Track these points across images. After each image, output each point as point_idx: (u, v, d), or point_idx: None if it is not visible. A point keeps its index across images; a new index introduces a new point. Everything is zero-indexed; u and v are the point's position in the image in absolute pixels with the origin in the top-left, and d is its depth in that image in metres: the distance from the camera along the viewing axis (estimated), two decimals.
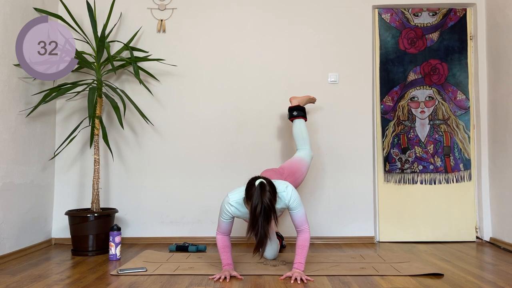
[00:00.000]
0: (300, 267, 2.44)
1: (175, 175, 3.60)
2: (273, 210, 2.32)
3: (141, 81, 3.30)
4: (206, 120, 3.63)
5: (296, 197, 2.51)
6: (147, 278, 2.44)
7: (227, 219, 2.53)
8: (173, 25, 3.67)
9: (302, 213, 2.51)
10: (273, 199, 2.33)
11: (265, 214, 2.28)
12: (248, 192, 2.38)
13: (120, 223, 3.57)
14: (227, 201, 2.51)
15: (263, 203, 2.28)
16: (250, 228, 2.31)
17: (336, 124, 3.62)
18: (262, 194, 2.30)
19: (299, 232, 2.51)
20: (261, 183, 2.34)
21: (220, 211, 2.55)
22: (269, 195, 2.31)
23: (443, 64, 3.70)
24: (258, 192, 2.30)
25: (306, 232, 2.50)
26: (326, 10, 3.67)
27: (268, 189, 2.33)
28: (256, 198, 2.30)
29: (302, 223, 2.51)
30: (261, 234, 2.29)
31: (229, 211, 2.50)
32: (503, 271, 2.60)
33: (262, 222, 2.28)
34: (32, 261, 2.91)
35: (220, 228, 2.55)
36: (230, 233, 2.61)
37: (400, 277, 2.45)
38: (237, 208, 2.50)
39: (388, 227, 3.62)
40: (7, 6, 2.97)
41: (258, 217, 2.28)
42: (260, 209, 2.27)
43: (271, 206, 2.30)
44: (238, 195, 2.50)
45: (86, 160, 3.61)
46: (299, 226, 2.51)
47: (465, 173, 3.65)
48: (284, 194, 2.50)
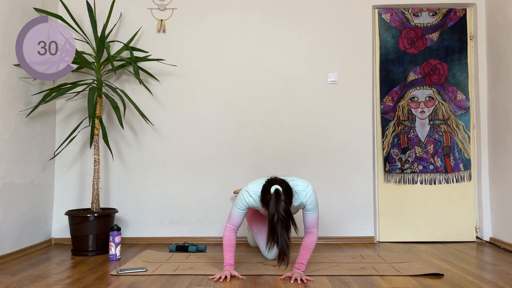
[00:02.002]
0: (301, 267, 2.44)
1: (175, 175, 3.60)
2: (291, 219, 2.28)
3: (141, 81, 3.30)
4: (206, 120, 3.63)
5: (314, 199, 2.50)
6: (147, 278, 2.44)
7: (242, 210, 2.49)
8: (173, 25, 3.67)
9: (315, 216, 2.51)
10: (288, 207, 2.29)
11: (282, 223, 2.25)
12: (263, 196, 2.37)
13: (120, 223, 3.57)
14: (246, 191, 2.49)
15: (279, 213, 2.24)
16: (269, 237, 2.28)
17: (336, 124, 3.62)
18: (277, 203, 2.27)
19: (307, 233, 2.52)
20: (276, 191, 2.31)
21: (236, 200, 2.52)
22: (284, 205, 2.26)
23: (443, 64, 3.70)
24: (274, 201, 2.28)
25: (314, 235, 2.51)
26: (326, 10, 3.67)
27: (283, 198, 2.28)
28: (272, 208, 2.27)
29: (313, 225, 2.51)
30: (281, 242, 2.25)
31: (247, 201, 2.47)
32: (503, 271, 2.60)
33: (281, 231, 2.25)
34: (32, 261, 2.91)
35: (231, 220, 2.51)
36: (238, 229, 2.60)
37: (400, 277, 2.45)
38: (255, 200, 2.48)
39: (388, 227, 3.62)
40: (7, 6, 2.96)
41: (276, 226, 2.25)
42: (277, 218, 2.24)
43: (287, 215, 2.26)
44: (258, 187, 2.47)
45: (86, 160, 3.61)
46: (309, 228, 2.51)
47: (465, 173, 3.65)
48: (303, 193, 2.48)
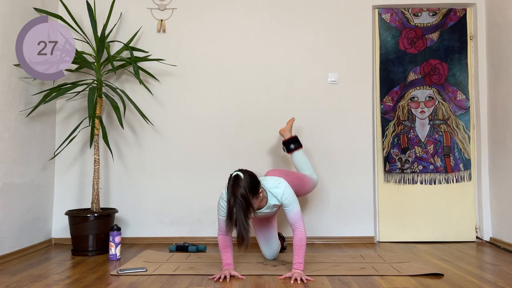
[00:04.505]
0: (300, 267, 2.44)
1: (175, 175, 3.60)
2: (248, 204, 2.29)
3: (141, 81, 3.30)
4: (206, 120, 3.63)
5: (289, 194, 2.51)
6: (147, 278, 2.44)
7: (223, 216, 2.51)
8: (173, 25, 3.67)
9: (296, 211, 2.51)
10: (247, 192, 2.30)
11: (238, 207, 2.27)
12: (227, 184, 2.40)
13: (120, 223, 3.57)
14: (221, 197, 2.53)
15: (236, 197, 2.28)
16: (227, 221, 2.31)
17: (336, 124, 3.62)
18: (234, 187, 2.30)
19: (294, 230, 2.51)
20: (235, 176, 2.34)
21: (217, 209, 2.56)
22: (242, 190, 2.28)
23: (443, 64, 3.70)
24: (231, 185, 2.32)
25: (301, 231, 2.48)
26: (326, 10, 3.67)
27: (242, 183, 2.30)
28: (229, 192, 2.31)
29: (297, 220, 2.50)
30: (239, 226, 2.27)
31: (223, 205, 2.50)
32: (503, 271, 2.60)
33: (238, 215, 2.27)
34: (32, 261, 2.91)
35: (219, 227, 2.54)
36: (232, 233, 2.59)
37: (400, 277, 2.45)
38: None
39: (388, 227, 3.62)
40: (7, 6, 2.96)
41: (232, 211, 2.28)
42: (233, 202, 2.28)
43: (243, 199, 2.28)
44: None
45: (86, 160, 3.61)
46: (293, 224, 2.50)
47: (465, 173, 3.65)
48: (276, 190, 2.52)
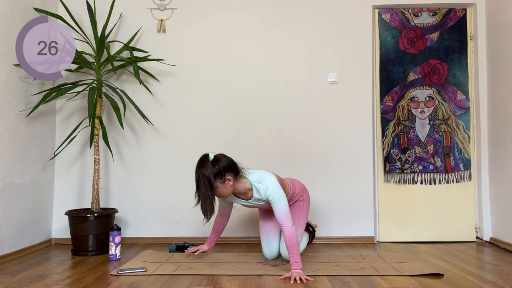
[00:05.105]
0: (297, 266, 2.42)
1: (175, 175, 3.60)
2: (211, 183, 2.45)
3: (141, 81, 3.30)
4: (206, 119, 3.63)
5: (274, 191, 2.52)
6: (147, 278, 2.44)
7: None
8: (173, 25, 3.67)
9: (281, 209, 2.49)
10: (210, 172, 2.45)
11: (199, 183, 2.46)
12: None
13: (120, 223, 3.57)
14: None
15: (199, 173, 2.46)
16: (195, 194, 2.50)
17: (336, 124, 3.62)
18: (199, 165, 2.49)
19: (282, 229, 2.50)
20: (204, 155, 2.53)
21: None
22: (206, 170, 2.45)
23: (443, 64, 3.70)
24: (198, 162, 2.52)
25: (289, 230, 2.45)
26: (326, 10, 3.67)
27: (207, 163, 2.47)
28: (196, 170, 2.50)
29: (283, 219, 2.47)
30: (203, 197, 2.45)
31: None
32: (503, 271, 2.60)
33: (204, 190, 2.45)
34: (32, 261, 2.91)
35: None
36: (228, 217, 2.93)
37: (400, 277, 2.45)
38: None
39: (388, 227, 3.62)
40: (7, 6, 2.96)
41: (199, 185, 2.47)
42: (197, 177, 2.47)
43: (204, 178, 2.44)
44: None
45: (86, 160, 3.61)
46: (280, 223, 2.49)
47: (465, 173, 3.65)
48: (259, 185, 2.57)
